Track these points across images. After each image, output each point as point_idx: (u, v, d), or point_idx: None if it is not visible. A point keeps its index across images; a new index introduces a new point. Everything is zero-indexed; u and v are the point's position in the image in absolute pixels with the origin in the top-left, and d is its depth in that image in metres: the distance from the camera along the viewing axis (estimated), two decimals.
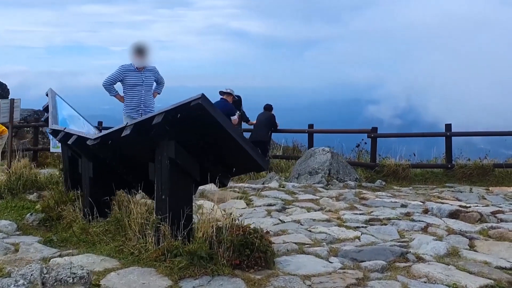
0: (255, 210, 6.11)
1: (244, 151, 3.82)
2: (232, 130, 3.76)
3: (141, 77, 7.53)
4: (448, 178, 10.22)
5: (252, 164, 3.92)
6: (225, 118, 3.79)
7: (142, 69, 7.51)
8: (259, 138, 12.04)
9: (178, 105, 3.79)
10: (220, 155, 4.00)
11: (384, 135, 11.78)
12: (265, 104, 12.88)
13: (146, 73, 7.58)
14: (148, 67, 7.59)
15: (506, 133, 11.10)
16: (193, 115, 3.70)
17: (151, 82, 7.68)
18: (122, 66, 7.58)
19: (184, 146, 3.90)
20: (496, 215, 6.09)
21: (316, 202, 6.80)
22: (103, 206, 4.86)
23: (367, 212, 6.18)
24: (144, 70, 7.54)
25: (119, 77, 7.58)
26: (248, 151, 3.82)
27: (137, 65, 7.48)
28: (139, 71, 7.51)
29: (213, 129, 3.77)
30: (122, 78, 7.57)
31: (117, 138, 4.18)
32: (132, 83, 7.54)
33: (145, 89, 7.58)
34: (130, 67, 7.52)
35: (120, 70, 7.55)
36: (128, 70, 7.52)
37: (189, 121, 3.79)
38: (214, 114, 3.67)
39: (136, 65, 7.48)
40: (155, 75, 7.73)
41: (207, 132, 3.85)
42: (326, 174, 8.80)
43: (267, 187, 7.71)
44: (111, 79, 7.62)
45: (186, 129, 3.85)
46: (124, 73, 7.54)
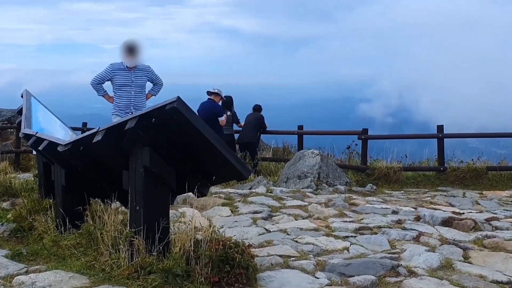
0: (240, 218, 5.86)
1: (224, 158, 3.57)
2: (211, 136, 3.51)
3: (131, 77, 7.21)
4: (441, 182, 10.01)
5: (233, 172, 3.67)
6: (204, 123, 3.53)
7: (133, 68, 7.19)
8: (248, 139, 11.78)
9: (152, 109, 3.54)
10: (199, 163, 3.74)
11: (375, 136, 11.58)
12: (254, 105, 12.61)
13: (137, 72, 7.24)
14: (140, 66, 7.26)
15: (498, 134, 10.96)
16: (168, 119, 3.44)
17: (142, 82, 7.33)
18: (112, 64, 7.28)
19: (160, 153, 3.64)
20: (490, 222, 5.89)
21: (305, 208, 6.55)
22: (76, 217, 4.59)
23: (357, 219, 5.94)
24: (134, 70, 7.21)
25: (108, 76, 7.28)
26: (228, 158, 3.56)
27: (128, 64, 7.17)
28: (129, 70, 7.20)
29: (191, 135, 3.52)
30: (111, 78, 7.27)
31: (89, 144, 3.92)
32: (121, 83, 7.23)
33: (135, 90, 7.24)
34: (120, 66, 7.23)
35: (109, 69, 7.26)
36: (118, 69, 7.23)
37: (164, 126, 3.53)
38: (191, 118, 3.41)
39: (127, 64, 7.17)
40: (149, 75, 7.37)
41: (184, 138, 3.60)
42: (316, 178, 8.56)
43: (254, 192, 7.46)
44: (98, 78, 7.32)
45: (161, 134, 3.59)
46: (113, 72, 7.24)
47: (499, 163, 10.81)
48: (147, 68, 7.35)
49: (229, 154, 3.58)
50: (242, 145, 11.83)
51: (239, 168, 3.61)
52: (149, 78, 7.41)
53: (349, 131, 12.05)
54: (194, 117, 3.43)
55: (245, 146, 11.76)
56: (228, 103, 11.90)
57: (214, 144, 3.49)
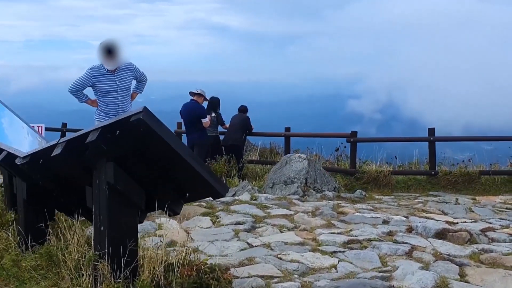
0: (221, 230, 5.51)
1: (197, 174, 3.22)
2: (183, 150, 3.15)
3: (115, 81, 6.51)
4: (432, 186, 9.75)
5: (208, 190, 3.32)
6: (174, 136, 3.17)
7: (115, 70, 6.49)
8: (233, 141, 11.45)
9: (116, 120, 3.18)
10: (170, 179, 3.38)
11: (364, 139, 11.30)
12: (240, 106, 12.28)
13: (121, 74, 6.55)
14: (123, 66, 6.56)
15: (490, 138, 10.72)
16: (134, 132, 3.08)
17: (128, 84, 6.68)
18: (91, 69, 6.53)
19: (126, 168, 3.28)
20: (486, 233, 5.60)
21: (290, 218, 6.22)
22: (40, 233, 4.21)
23: (345, 230, 5.62)
24: (118, 71, 6.51)
25: (88, 83, 6.56)
26: (203, 174, 3.21)
27: (109, 67, 6.45)
28: (111, 73, 6.48)
29: (159, 148, 3.16)
30: (92, 84, 6.56)
31: (49, 157, 3.55)
32: (105, 90, 6.54)
33: (121, 94, 6.60)
34: (100, 70, 6.49)
35: (88, 74, 6.51)
36: (99, 75, 6.49)
37: (130, 139, 3.17)
38: (159, 131, 3.05)
39: (108, 67, 6.46)
40: (133, 73, 6.70)
41: (152, 152, 3.24)
42: (303, 183, 8.23)
43: (237, 200, 7.11)
44: (77, 85, 6.57)
45: (127, 148, 3.23)
46: (94, 79, 6.51)
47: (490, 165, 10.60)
48: (130, 67, 6.67)
49: (203, 169, 3.23)
50: (227, 147, 11.49)
51: (214, 185, 3.26)
52: (134, 76, 6.79)
53: (337, 133, 11.79)
54: (162, 129, 3.07)
55: (230, 149, 11.42)
56: (214, 104, 11.57)
57: (185, 159, 3.13)
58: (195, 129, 10.57)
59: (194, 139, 10.68)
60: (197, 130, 10.58)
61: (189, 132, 10.82)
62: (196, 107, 10.64)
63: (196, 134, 10.60)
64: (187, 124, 10.87)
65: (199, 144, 10.61)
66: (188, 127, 10.87)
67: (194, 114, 10.54)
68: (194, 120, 10.57)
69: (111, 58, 6.40)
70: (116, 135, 3.17)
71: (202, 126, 10.52)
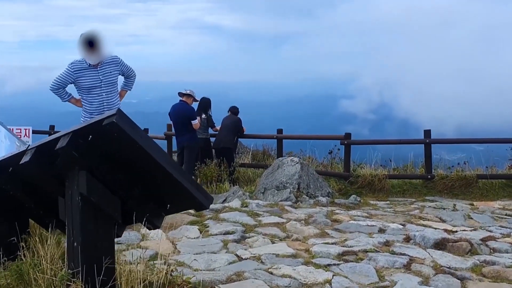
0: (209, 241, 5.22)
1: (177, 184, 2.94)
2: (162, 157, 2.87)
3: (98, 76, 6.03)
4: (428, 190, 9.51)
5: (190, 201, 3.04)
6: (152, 142, 2.89)
7: (98, 64, 6.00)
8: (224, 144, 11.12)
9: (88, 123, 2.90)
10: (149, 189, 3.10)
11: (358, 142, 11.03)
12: (231, 107, 11.95)
13: (105, 68, 6.06)
14: (107, 60, 6.06)
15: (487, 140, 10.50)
16: (108, 137, 2.80)
17: (113, 78, 6.18)
18: (72, 64, 6.04)
19: (101, 177, 3.00)
20: (487, 243, 5.37)
21: (282, 227, 5.95)
22: (13, 247, 3.91)
23: (340, 240, 5.35)
24: (101, 65, 6.01)
25: (69, 79, 6.09)
26: (183, 183, 2.93)
27: (91, 61, 5.98)
28: (94, 68, 6.00)
29: (136, 155, 2.88)
30: (74, 80, 6.07)
31: (18, 165, 3.25)
32: (88, 85, 6.05)
33: (106, 90, 6.10)
34: (82, 64, 6.01)
35: (70, 70, 6.04)
36: (80, 69, 6.01)
37: (104, 145, 2.89)
38: (135, 136, 2.77)
39: (90, 61, 5.98)
40: (118, 67, 6.18)
41: (128, 160, 2.96)
42: (295, 189, 7.96)
43: (227, 207, 6.82)
44: (58, 82, 6.12)
45: (101, 155, 2.95)
46: (75, 74, 6.02)
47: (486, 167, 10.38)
48: (115, 60, 6.15)
49: (185, 179, 2.95)
50: (218, 150, 11.18)
51: (197, 196, 2.98)
52: (120, 71, 6.27)
53: (331, 135, 11.49)
54: (138, 134, 2.79)
55: (221, 152, 11.11)
56: (205, 105, 11.26)
57: (164, 167, 2.85)
58: (185, 131, 10.27)
59: (184, 142, 10.38)
60: (187, 132, 10.28)
61: (179, 134, 10.52)
62: (185, 108, 10.35)
63: (186, 137, 10.30)
64: (177, 126, 10.56)
65: (189, 146, 10.32)
66: (177, 129, 10.57)
67: (184, 116, 10.24)
68: (183, 122, 10.27)
69: (92, 51, 5.91)
70: (89, 141, 2.89)
71: (192, 128, 10.22)
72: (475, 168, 10.39)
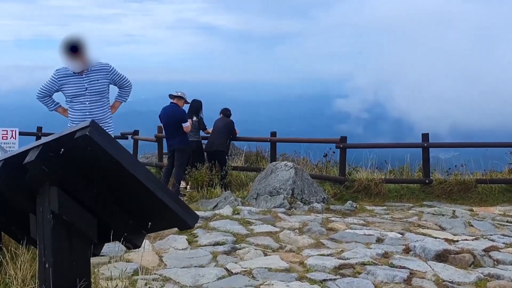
0: (198, 253, 4.97)
1: (158, 201, 2.69)
2: (140, 172, 2.62)
3: (83, 84, 5.61)
4: (426, 195, 9.29)
5: (173, 219, 2.79)
6: (129, 155, 2.64)
7: (84, 71, 5.60)
8: (216, 147, 10.86)
9: (59, 136, 2.64)
10: (127, 206, 2.85)
11: (354, 145, 10.83)
12: (222, 109, 11.69)
13: (91, 75, 5.62)
14: (94, 67, 5.63)
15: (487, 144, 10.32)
16: (81, 151, 2.55)
17: (100, 87, 5.69)
18: (57, 70, 5.69)
19: (74, 194, 2.75)
20: (490, 253, 5.15)
21: (275, 236, 5.70)
22: None
23: (336, 251, 5.12)
24: (87, 72, 5.60)
25: (54, 86, 5.74)
26: (165, 201, 2.69)
27: (73, 69, 5.58)
28: (80, 75, 5.60)
29: (112, 171, 2.63)
30: (59, 87, 5.72)
31: None
32: (72, 93, 5.67)
33: (90, 99, 5.66)
34: (67, 70, 5.64)
35: (54, 77, 5.68)
36: (65, 76, 5.64)
37: (77, 159, 2.64)
38: (111, 150, 2.52)
39: (72, 69, 5.59)
40: (108, 76, 5.71)
41: (104, 175, 2.70)
42: (289, 195, 7.71)
43: (218, 214, 6.56)
44: (43, 90, 5.80)
45: (74, 170, 2.70)
46: (60, 81, 5.66)
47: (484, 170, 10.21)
48: (104, 68, 5.70)
49: (166, 195, 2.70)
50: (210, 153, 10.93)
51: (180, 214, 2.74)
52: (110, 80, 5.79)
53: (326, 139, 11.28)
54: (114, 148, 2.54)
55: (213, 155, 10.86)
56: (196, 107, 11.01)
57: (143, 183, 2.60)
58: (176, 134, 10.02)
59: (174, 145, 10.13)
60: (178, 135, 10.03)
61: (169, 137, 10.27)
62: (176, 110, 10.09)
63: (176, 139, 10.05)
64: (167, 129, 10.31)
65: (180, 149, 10.06)
66: (168, 132, 10.31)
67: (174, 118, 9.98)
68: (174, 125, 10.02)
69: (75, 57, 5.43)
70: (60, 154, 2.63)
71: (183, 131, 9.97)
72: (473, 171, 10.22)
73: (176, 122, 9.94)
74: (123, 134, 13.66)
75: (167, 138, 10.45)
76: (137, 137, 13.83)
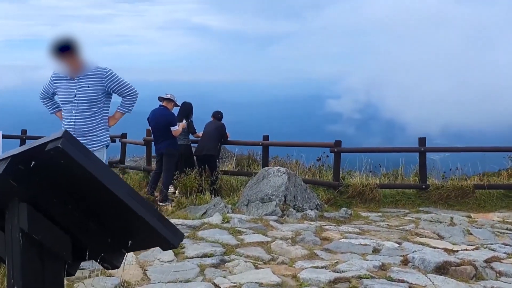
0: (184, 266, 4.76)
1: (139, 218, 2.48)
2: (118, 187, 2.41)
3: (73, 90, 5.10)
4: (422, 201, 9.15)
5: (154, 239, 2.58)
6: (106, 168, 2.43)
7: (76, 75, 5.06)
8: (207, 151, 10.67)
9: (30, 147, 2.42)
10: (104, 224, 2.64)
11: (349, 150, 10.67)
12: (214, 112, 11.49)
13: (83, 80, 5.05)
14: (89, 72, 5.07)
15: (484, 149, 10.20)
16: (53, 164, 2.34)
17: (91, 95, 5.09)
18: (54, 72, 5.27)
19: (46, 210, 2.53)
20: (492, 264, 5.00)
21: (267, 247, 5.51)
22: None
23: (330, 263, 4.93)
24: (80, 77, 5.05)
25: (50, 88, 5.37)
26: (146, 218, 2.48)
27: (63, 72, 5.13)
28: (72, 79, 5.10)
29: (87, 185, 2.42)
30: (54, 90, 5.33)
31: None
32: (62, 99, 5.26)
33: (77, 108, 5.10)
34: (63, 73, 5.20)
35: (50, 78, 5.30)
36: (59, 79, 5.20)
37: (50, 173, 2.43)
38: (86, 163, 2.31)
39: (61, 72, 5.14)
40: (103, 82, 5.09)
41: (78, 190, 2.49)
42: (281, 201, 7.52)
43: (206, 223, 6.36)
44: (42, 91, 5.47)
45: (46, 185, 2.48)
46: (54, 83, 5.25)
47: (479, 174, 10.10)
48: (100, 73, 5.08)
49: (149, 213, 2.49)
50: (200, 157, 10.73)
51: (163, 233, 2.53)
52: (106, 87, 5.13)
53: (320, 143, 11.13)
54: (90, 161, 2.33)
55: (204, 159, 10.67)
56: (186, 110, 10.81)
57: (121, 199, 2.40)
58: (164, 138, 9.81)
59: (162, 149, 9.92)
60: (166, 139, 9.82)
61: (157, 141, 10.06)
62: (165, 113, 9.89)
63: (164, 143, 9.84)
64: (155, 132, 10.10)
65: (168, 154, 9.86)
66: (156, 136, 10.10)
67: (163, 122, 9.78)
68: (163, 128, 9.81)
69: (64, 59, 4.92)
70: (31, 168, 2.42)
71: (171, 135, 9.76)
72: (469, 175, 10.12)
73: (165, 125, 9.74)
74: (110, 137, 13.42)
75: (155, 142, 10.25)
76: (125, 140, 13.61)
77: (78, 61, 4.99)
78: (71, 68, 5.05)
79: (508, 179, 9.41)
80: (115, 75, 5.16)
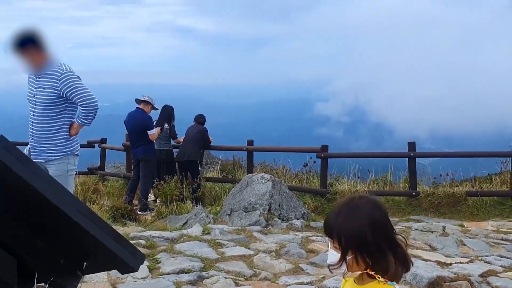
0: (159, 283, 4.46)
1: (92, 239, 2.17)
2: (66, 202, 2.10)
3: (33, 89, 4.61)
4: (413, 208, 8.91)
5: (111, 261, 2.27)
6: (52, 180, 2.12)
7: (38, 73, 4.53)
8: (188, 157, 10.32)
9: None
10: (57, 243, 2.33)
11: (336, 155, 10.42)
12: (196, 115, 11.15)
13: (42, 80, 4.51)
14: (50, 71, 4.47)
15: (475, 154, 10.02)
16: None
17: (45, 98, 4.51)
18: None
19: None
20: (488, 279, 4.77)
21: (249, 261, 5.22)
22: None
23: (316, 279, 4.67)
24: (40, 76, 4.52)
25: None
26: (100, 239, 2.17)
27: (22, 68, 4.54)
28: (36, 77, 4.57)
29: (31, 201, 2.11)
30: None
31: None
32: (27, 97, 4.72)
33: (34, 110, 4.60)
34: None
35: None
36: (29, 76, 4.71)
37: None
38: (27, 176, 1.99)
39: (23, 70, 4.58)
40: (57, 85, 4.45)
41: (21, 205, 2.18)
42: (266, 210, 7.24)
43: (185, 235, 6.05)
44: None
45: None
46: (28, 79, 4.72)
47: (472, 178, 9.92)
48: (55, 74, 4.45)
49: (103, 232, 2.19)
50: (182, 163, 10.39)
51: (120, 254, 2.22)
52: (60, 91, 4.49)
53: (307, 148, 10.86)
54: (33, 173, 2.01)
55: (185, 165, 10.33)
56: (168, 113, 10.47)
57: (70, 216, 2.09)
58: (140, 142, 9.48)
59: (138, 154, 9.59)
60: (142, 143, 9.49)
61: (134, 145, 9.71)
62: (141, 117, 9.56)
63: (141, 148, 9.51)
64: (132, 136, 9.78)
65: (145, 159, 9.54)
66: (132, 140, 9.77)
67: (139, 125, 9.45)
68: (139, 132, 9.49)
69: (22, 54, 4.38)
70: None
71: (148, 139, 9.44)
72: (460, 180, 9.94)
73: (141, 129, 9.42)
74: (89, 143, 13.05)
75: (131, 146, 9.92)
76: (105, 146, 13.23)
77: (41, 57, 4.44)
78: (32, 65, 4.51)
79: (501, 186, 9.22)
80: (70, 78, 4.49)
